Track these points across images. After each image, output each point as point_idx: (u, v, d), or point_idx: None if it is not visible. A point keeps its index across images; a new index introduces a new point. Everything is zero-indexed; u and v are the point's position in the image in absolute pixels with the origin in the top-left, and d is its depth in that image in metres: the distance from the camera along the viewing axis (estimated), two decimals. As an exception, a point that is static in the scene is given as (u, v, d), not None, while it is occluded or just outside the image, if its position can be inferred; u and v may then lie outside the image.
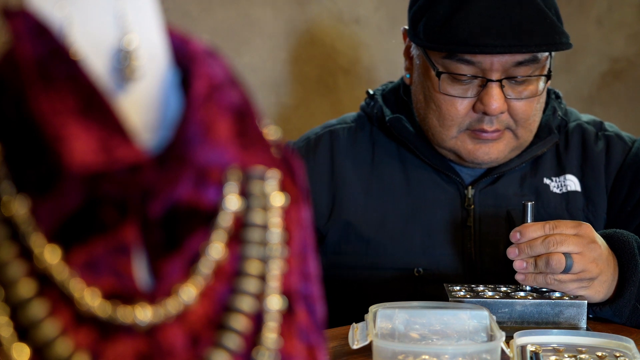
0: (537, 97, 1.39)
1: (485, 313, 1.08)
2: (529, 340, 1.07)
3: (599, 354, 1.04)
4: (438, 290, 1.28)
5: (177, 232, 0.52)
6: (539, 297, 1.21)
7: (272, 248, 0.55)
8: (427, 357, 0.94)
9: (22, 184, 0.47)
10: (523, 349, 1.05)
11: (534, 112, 1.41)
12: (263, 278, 0.55)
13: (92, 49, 0.49)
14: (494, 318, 1.08)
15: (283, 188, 0.58)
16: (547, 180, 1.47)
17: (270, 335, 0.54)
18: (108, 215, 0.48)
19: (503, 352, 1.01)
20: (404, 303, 1.11)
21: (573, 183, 1.47)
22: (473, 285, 1.26)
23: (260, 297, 0.54)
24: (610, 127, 1.53)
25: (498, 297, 1.20)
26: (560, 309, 1.19)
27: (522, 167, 1.47)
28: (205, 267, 0.52)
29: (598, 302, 1.25)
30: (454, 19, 1.33)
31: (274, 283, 0.55)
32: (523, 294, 1.22)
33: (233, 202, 0.54)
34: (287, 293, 0.57)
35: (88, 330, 0.48)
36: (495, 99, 1.34)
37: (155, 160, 0.49)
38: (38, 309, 0.46)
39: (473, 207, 1.44)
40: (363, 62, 2.18)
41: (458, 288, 1.24)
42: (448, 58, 1.36)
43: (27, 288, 0.46)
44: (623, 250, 1.26)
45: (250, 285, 0.54)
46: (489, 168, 1.46)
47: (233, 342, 0.52)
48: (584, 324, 1.20)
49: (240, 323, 0.53)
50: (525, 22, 1.32)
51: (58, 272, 0.47)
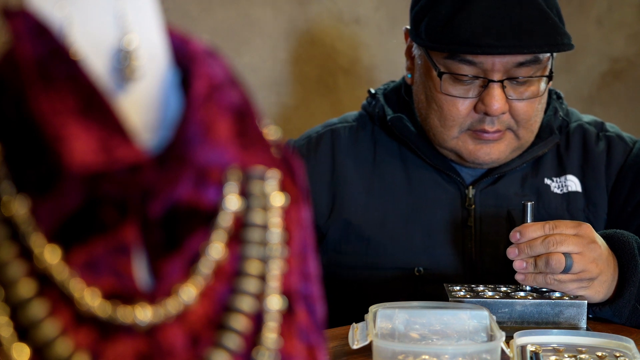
0: (538, 97, 1.39)
1: (485, 313, 1.08)
2: (529, 340, 1.07)
3: (599, 354, 1.04)
4: (438, 290, 1.27)
5: (177, 232, 0.52)
6: (539, 297, 1.21)
7: (272, 248, 0.55)
8: (427, 357, 0.94)
9: (22, 184, 0.47)
10: (523, 349, 1.05)
11: (535, 112, 1.41)
12: (263, 278, 0.55)
13: (92, 49, 0.49)
14: (494, 318, 1.08)
15: (283, 188, 0.58)
16: (547, 181, 1.47)
17: (270, 335, 0.54)
18: (108, 215, 0.48)
19: (503, 352, 1.01)
20: (404, 303, 1.11)
21: (574, 183, 1.47)
22: (473, 285, 1.26)
23: (260, 297, 0.55)
24: (612, 127, 1.53)
25: (498, 297, 1.20)
26: (560, 309, 1.19)
27: (523, 167, 1.47)
28: (205, 267, 0.52)
29: (598, 302, 1.25)
30: (456, 19, 1.33)
31: (274, 283, 0.55)
32: (523, 294, 1.22)
33: (233, 202, 0.54)
34: (287, 293, 0.57)
35: (88, 330, 0.48)
36: (497, 100, 1.34)
37: (155, 160, 0.49)
38: (38, 309, 0.46)
39: (474, 207, 1.44)
40: (363, 62, 2.18)
41: (458, 288, 1.24)
42: (450, 58, 1.36)
43: (27, 288, 0.46)
44: (623, 251, 1.26)
45: (250, 285, 0.54)
46: (490, 168, 1.45)
47: (233, 342, 0.52)
48: (584, 324, 1.20)
49: (240, 323, 0.53)
50: (526, 22, 1.32)
51: (58, 272, 0.47)
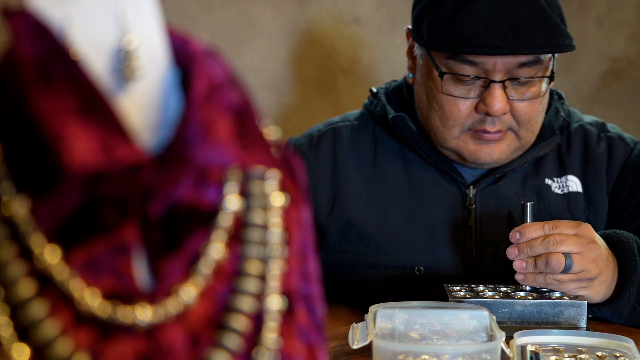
0: (539, 98, 1.39)
1: (485, 313, 1.08)
2: (529, 340, 1.07)
3: (599, 354, 1.04)
4: (438, 290, 1.27)
5: (177, 232, 0.52)
6: (539, 297, 1.21)
7: (272, 248, 0.55)
8: (427, 357, 0.94)
9: (22, 184, 0.47)
10: (523, 349, 1.05)
11: (537, 113, 1.40)
12: (263, 278, 0.55)
13: (92, 49, 0.49)
14: (494, 318, 1.08)
15: (283, 188, 0.58)
16: (548, 181, 1.47)
17: (270, 335, 0.54)
18: (108, 215, 0.48)
19: (503, 352, 1.01)
20: (404, 303, 1.11)
21: (574, 184, 1.47)
22: (473, 285, 1.26)
23: (260, 297, 0.55)
24: (613, 128, 1.53)
25: (498, 297, 1.20)
26: (560, 309, 1.19)
27: (524, 167, 1.47)
28: (205, 267, 0.52)
29: (598, 302, 1.25)
30: (458, 19, 1.32)
31: (274, 283, 0.55)
32: (523, 294, 1.22)
33: (233, 202, 0.54)
34: (287, 293, 0.57)
35: (88, 330, 0.48)
36: (498, 100, 1.34)
37: (155, 160, 0.49)
38: (38, 309, 0.46)
39: (474, 206, 1.44)
40: (363, 62, 2.17)
41: (458, 288, 1.24)
42: (451, 58, 1.36)
43: (27, 288, 0.46)
44: (623, 251, 1.26)
45: (250, 285, 0.54)
46: (491, 168, 1.45)
47: (233, 342, 0.52)
48: (584, 324, 1.20)
49: (240, 323, 0.53)
50: (526, 22, 1.32)
51: (58, 272, 0.47)
